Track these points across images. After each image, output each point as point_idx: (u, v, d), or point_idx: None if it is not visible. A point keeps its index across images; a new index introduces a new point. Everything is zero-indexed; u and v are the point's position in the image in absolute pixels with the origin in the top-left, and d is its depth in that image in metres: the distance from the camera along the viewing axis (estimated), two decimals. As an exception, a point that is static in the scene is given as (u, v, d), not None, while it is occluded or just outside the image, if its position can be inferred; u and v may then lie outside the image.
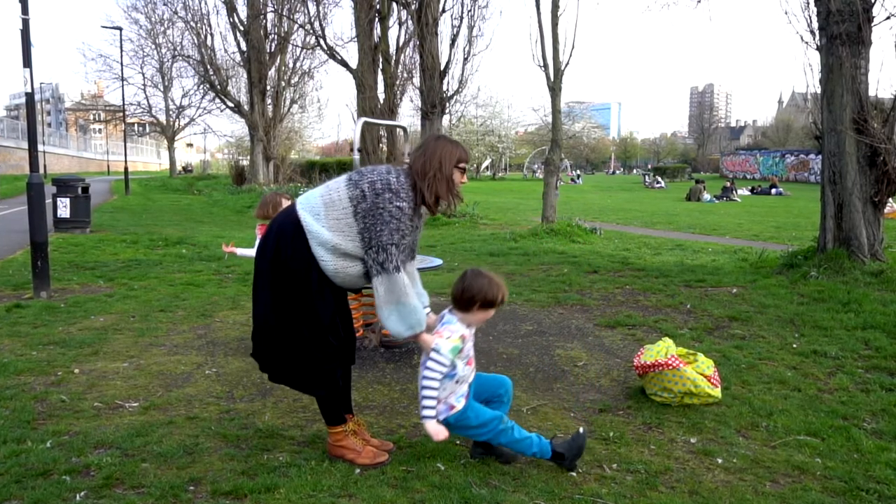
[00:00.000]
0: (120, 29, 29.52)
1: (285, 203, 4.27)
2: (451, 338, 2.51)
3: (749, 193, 28.37)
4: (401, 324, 2.53)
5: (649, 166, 67.97)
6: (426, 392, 2.50)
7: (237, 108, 27.91)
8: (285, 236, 2.60)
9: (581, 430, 2.70)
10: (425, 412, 2.52)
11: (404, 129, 5.98)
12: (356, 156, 4.71)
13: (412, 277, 2.74)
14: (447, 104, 14.20)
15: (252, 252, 4.34)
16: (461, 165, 2.64)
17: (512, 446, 2.66)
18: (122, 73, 30.57)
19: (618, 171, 74.00)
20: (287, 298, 2.61)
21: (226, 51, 36.83)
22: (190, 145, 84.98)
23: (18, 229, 11.49)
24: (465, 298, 2.55)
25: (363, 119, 5.10)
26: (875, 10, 6.31)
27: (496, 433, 2.62)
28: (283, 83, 27.45)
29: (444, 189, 2.59)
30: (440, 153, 2.60)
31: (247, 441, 2.95)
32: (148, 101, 41.72)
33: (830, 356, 4.21)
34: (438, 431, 2.53)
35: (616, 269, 7.60)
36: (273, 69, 26.78)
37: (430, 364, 2.50)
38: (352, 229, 2.53)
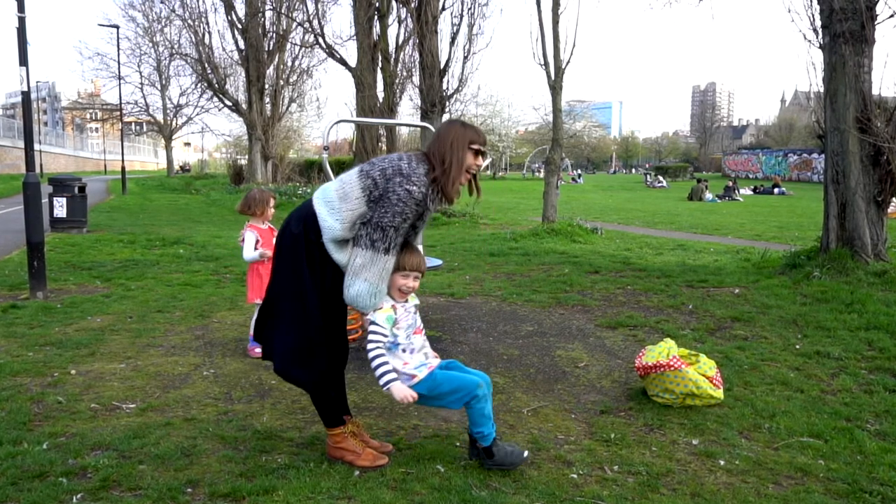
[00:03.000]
0: (117, 27, 29.49)
1: (273, 203, 4.28)
2: (382, 309, 2.58)
3: (751, 193, 28.39)
4: (355, 297, 2.53)
5: (647, 165, 67.92)
6: (376, 361, 2.54)
7: (235, 107, 27.86)
8: (309, 224, 2.60)
9: (525, 453, 2.65)
10: (384, 378, 2.52)
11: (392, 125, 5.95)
12: (324, 154, 4.72)
13: None
14: (447, 103, 14.16)
15: (256, 253, 4.29)
16: (474, 147, 2.59)
17: (473, 416, 2.61)
18: (119, 72, 30.58)
19: (619, 171, 74.00)
20: (303, 288, 2.59)
21: (224, 49, 36.68)
22: (188, 144, 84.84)
23: (15, 229, 11.46)
24: None
25: (334, 120, 5.07)
26: (878, 9, 6.29)
27: (471, 397, 2.58)
28: (281, 82, 27.42)
29: (458, 171, 2.55)
30: (452, 136, 2.58)
31: (245, 443, 2.93)
32: (145, 99, 41.75)
33: (833, 357, 4.18)
34: (405, 393, 2.52)
35: (617, 270, 7.57)
36: (271, 68, 26.76)
37: (369, 336, 2.56)
38: (364, 219, 2.53)
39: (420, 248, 2.85)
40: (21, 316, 5.30)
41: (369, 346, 2.54)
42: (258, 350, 4.21)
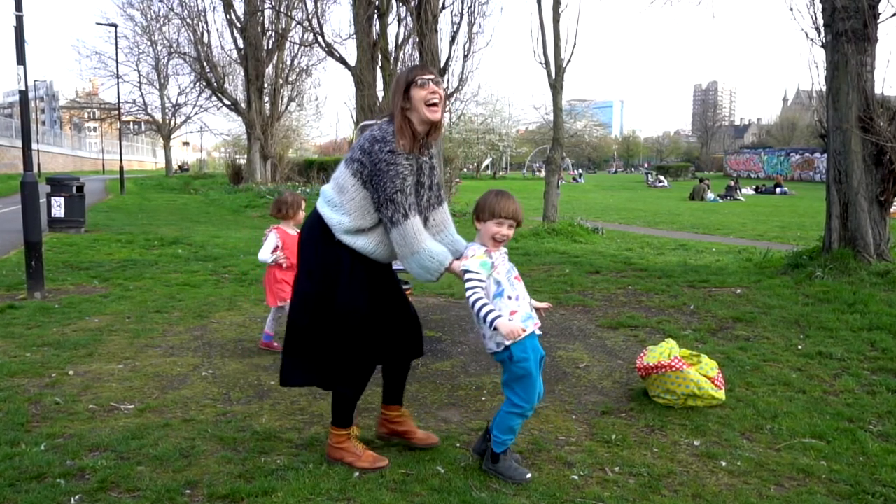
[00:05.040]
0: (115, 26, 29.40)
1: (303, 205, 4.36)
2: (475, 255, 2.52)
3: (753, 192, 28.39)
4: (423, 272, 2.56)
5: (647, 164, 67.81)
6: (478, 304, 2.43)
7: (234, 107, 27.80)
8: (318, 229, 2.62)
9: (528, 475, 2.60)
10: (489, 317, 2.41)
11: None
12: None
13: (443, 224, 2.75)
14: (447, 102, 14.14)
15: (270, 256, 4.30)
16: (417, 81, 2.57)
17: (502, 421, 2.58)
18: (118, 71, 30.46)
19: (620, 170, 73.97)
20: (324, 293, 2.60)
21: (223, 48, 36.44)
22: (186, 144, 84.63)
23: (12, 229, 11.42)
24: (477, 209, 2.60)
25: (363, 123, 5.07)
26: (881, 7, 6.27)
27: (520, 409, 2.56)
28: (280, 81, 27.36)
29: (399, 108, 2.56)
30: (391, 89, 2.66)
31: (244, 444, 2.91)
32: (143, 98, 41.62)
33: (836, 357, 4.16)
34: (513, 327, 2.42)
35: (618, 270, 7.55)
36: (270, 67, 26.69)
37: (467, 284, 2.48)
38: (369, 203, 2.54)
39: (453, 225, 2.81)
40: (19, 316, 5.28)
41: (468, 293, 2.46)
42: (276, 344, 4.23)
